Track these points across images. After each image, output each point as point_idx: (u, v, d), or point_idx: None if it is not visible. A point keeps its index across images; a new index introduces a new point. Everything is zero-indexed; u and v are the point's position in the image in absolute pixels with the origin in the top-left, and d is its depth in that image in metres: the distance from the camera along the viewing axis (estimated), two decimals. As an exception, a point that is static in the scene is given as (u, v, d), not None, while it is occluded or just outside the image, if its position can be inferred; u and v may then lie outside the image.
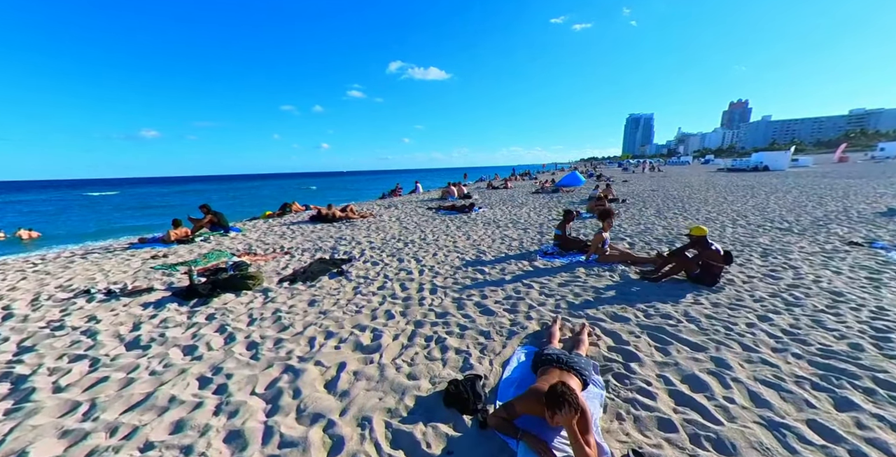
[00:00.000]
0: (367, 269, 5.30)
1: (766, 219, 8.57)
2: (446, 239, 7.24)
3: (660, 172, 38.47)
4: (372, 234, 8.01)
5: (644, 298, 3.93)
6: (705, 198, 13.23)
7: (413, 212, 11.66)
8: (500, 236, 7.38)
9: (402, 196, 18.30)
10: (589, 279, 4.62)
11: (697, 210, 10.29)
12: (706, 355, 2.77)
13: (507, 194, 17.00)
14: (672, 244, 6.31)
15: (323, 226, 9.12)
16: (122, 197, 45.18)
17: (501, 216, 10.16)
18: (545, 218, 9.74)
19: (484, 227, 8.53)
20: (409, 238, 7.41)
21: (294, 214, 11.53)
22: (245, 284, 4.37)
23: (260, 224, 9.83)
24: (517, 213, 10.77)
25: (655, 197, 14.10)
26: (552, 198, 14.86)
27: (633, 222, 8.57)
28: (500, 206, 12.64)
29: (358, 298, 4.13)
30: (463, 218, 10.04)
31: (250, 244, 7.09)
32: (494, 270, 5.08)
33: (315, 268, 5.24)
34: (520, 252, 6.11)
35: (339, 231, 8.42)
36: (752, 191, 14.91)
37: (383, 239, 7.39)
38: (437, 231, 8.12)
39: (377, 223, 9.44)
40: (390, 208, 12.74)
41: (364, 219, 10.07)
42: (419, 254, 6.08)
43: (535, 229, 8.05)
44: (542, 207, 11.91)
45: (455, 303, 3.95)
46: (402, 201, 15.33)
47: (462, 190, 15.54)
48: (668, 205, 11.64)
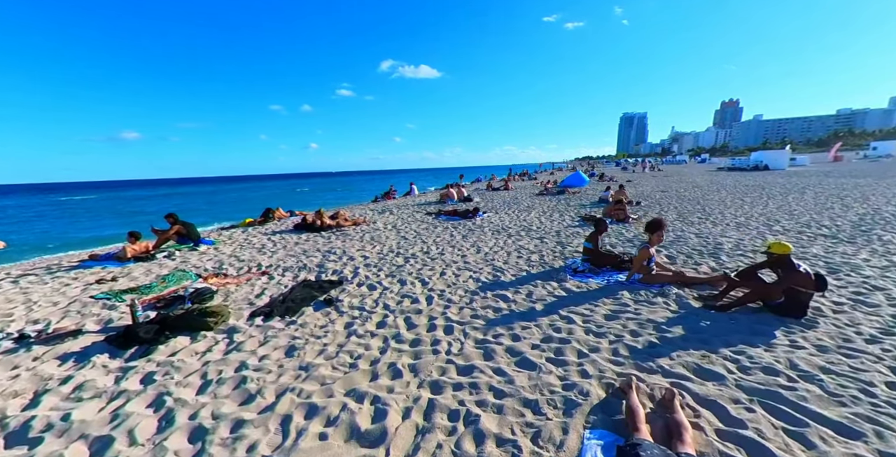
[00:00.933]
0: (363, 295, 4.36)
1: (801, 224, 7.89)
2: (453, 252, 6.33)
3: (660, 171, 38.22)
4: (366, 246, 7.06)
5: (724, 339, 3.08)
6: (721, 199, 12.63)
7: (411, 218, 10.73)
8: (514, 248, 6.50)
9: (397, 199, 17.34)
10: (640, 308, 3.76)
11: (721, 214, 9.59)
12: (869, 447, 1.91)
13: (510, 196, 16.17)
14: (716, 256, 5.50)
15: (309, 236, 8.13)
16: (100, 201, 43.29)
17: (510, 222, 9.29)
18: (559, 224, 8.90)
19: (494, 236, 7.64)
20: (409, 251, 6.48)
21: (277, 222, 10.51)
22: (204, 323, 3.40)
23: (238, 234, 8.79)
24: (527, 218, 9.92)
25: (668, 199, 13.45)
26: (559, 200, 14.06)
27: (659, 229, 7.78)
28: (505, 210, 11.78)
29: (352, 343, 3.19)
30: (467, 225, 9.15)
31: (221, 261, 6.08)
32: (519, 296, 4.19)
33: (297, 295, 4.29)
34: (543, 269, 5.23)
35: (329, 243, 7.45)
36: (764, 191, 14.44)
37: (380, 253, 6.45)
38: (441, 242, 7.21)
39: (371, 232, 8.49)
40: (385, 214, 11.78)
41: (357, 226, 9.12)
42: (424, 273, 5.16)
43: (552, 239, 7.19)
44: (551, 211, 11.09)
45: (480, 348, 3.05)
46: (398, 205, 14.38)
47: (462, 192, 14.65)
48: (686, 207, 10.94)
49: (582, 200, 13.80)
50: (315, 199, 31.58)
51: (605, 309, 3.79)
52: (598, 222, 5.28)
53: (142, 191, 76.48)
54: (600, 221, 5.26)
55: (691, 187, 17.88)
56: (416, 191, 19.43)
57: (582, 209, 11.49)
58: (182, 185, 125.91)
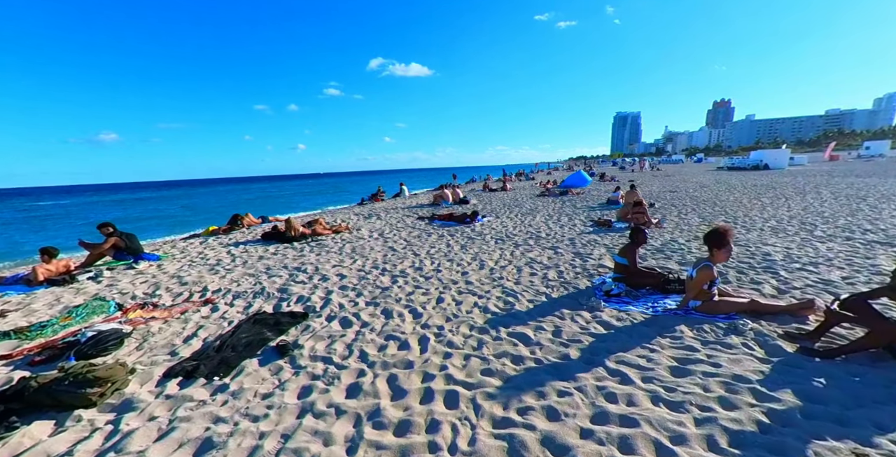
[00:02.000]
0: (332, 336, 3.28)
1: (840, 227, 7.12)
2: (451, 268, 5.28)
3: (659, 170, 37.87)
4: (345, 260, 5.96)
5: (867, 414, 2.09)
6: (737, 200, 11.91)
7: (400, 223, 9.66)
8: (524, 262, 5.48)
9: (386, 201, 16.22)
10: (715, 355, 2.76)
11: (747, 216, 8.76)
12: None
13: (509, 198, 15.20)
14: (772, 272, 4.55)
15: (278, 248, 7.00)
16: (72, 207, 41.17)
17: (515, 228, 8.28)
18: (570, 229, 7.93)
19: (498, 246, 6.61)
20: (398, 267, 5.41)
21: (246, 230, 9.34)
22: (81, 397, 2.29)
23: (194, 246, 7.61)
24: (532, 223, 8.93)
25: (681, 199, 12.67)
26: (563, 202, 13.13)
27: (688, 236, 6.84)
28: (506, 213, 10.78)
29: (304, 432, 2.10)
30: (466, 232, 8.11)
31: (159, 284, 4.92)
32: (544, 336, 3.16)
33: (243, 337, 3.19)
34: (566, 291, 4.22)
35: (300, 256, 6.33)
36: (776, 191, 13.90)
37: (361, 269, 5.36)
38: (437, 254, 6.15)
39: (354, 242, 7.39)
40: (371, 219, 10.67)
41: (337, 235, 8.01)
42: (416, 299, 4.10)
43: (567, 249, 6.19)
44: (558, 214, 10.13)
45: (501, 440, 2.00)
46: (386, 209, 13.28)
47: (458, 193, 13.62)
48: (705, 209, 10.10)
49: (588, 202, 12.90)
50: (299, 201, 30.23)
51: (667, 356, 2.77)
52: (634, 233, 4.28)
53: (120, 195, 73.68)
54: (638, 232, 4.27)
55: (699, 187, 17.23)
56: (407, 192, 18.35)
57: (591, 212, 10.56)
58: (162, 188, 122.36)
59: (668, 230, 7.54)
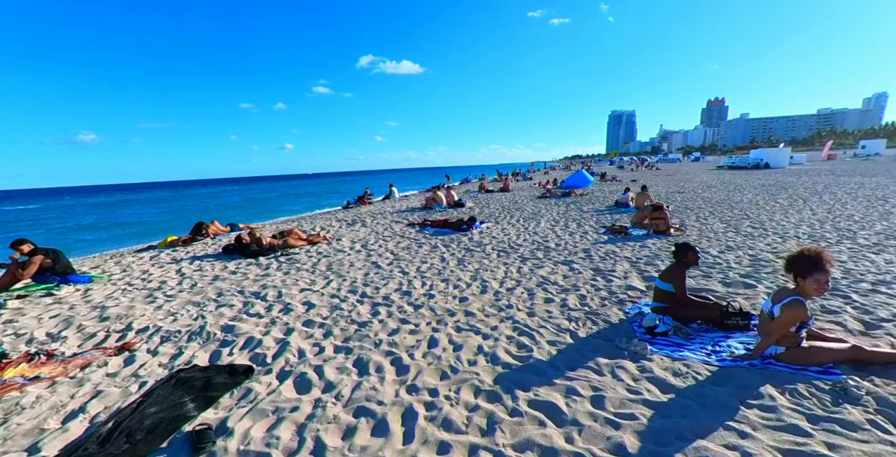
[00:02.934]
0: (278, 412, 2.34)
1: (884, 234, 6.47)
2: (447, 291, 4.38)
3: (658, 169, 37.52)
4: (318, 281, 5.01)
5: None
6: (752, 201, 11.32)
7: (388, 231, 8.73)
8: (535, 282, 4.60)
9: (374, 204, 15.25)
10: (841, 446, 1.89)
11: (772, 221, 8.07)
12: None
13: (508, 200, 14.36)
14: (844, 296, 3.73)
15: (240, 265, 6.02)
16: (41, 212, 39.27)
17: (519, 237, 7.41)
18: (582, 238, 7.08)
19: (502, 259, 5.73)
20: (380, 292, 4.49)
21: (210, 240, 8.33)
22: None
23: (142, 261, 6.59)
24: (537, 230, 8.07)
25: (692, 201, 12.02)
26: (567, 204, 12.31)
27: (718, 246, 6.03)
28: (506, 218, 9.91)
29: None
30: (462, 241, 7.21)
31: (72, 319, 3.92)
32: (580, 406, 2.27)
33: (150, 414, 2.25)
34: (595, 326, 3.35)
35: (264, 276, 5.37)
36: (788, 192, 13.40)
37: (335, 295, 4.43)
38: (429, 271, 5.24)
39: (332, 255, 6.44)
40: (355, 226, 9.71)
41: (313, 246, 7.05)
42: (400, 342, 3.18)
43: (584, 263, 5.33)
44: (564, 219, 9.28)
45: None
46: (373, 213, 12.33)
47: (452, 196, 12.72)
48: (724, 213, 9.39)
49: (595, 204, 12.11)
50: (283, 204, 29.04)
51: (767, 447, 1.90)
52: (682, 251, 3.41)
53: (98, 197, 71.21)
54: (687, 249, 3.40)
55: (706, 187, 16.69)
56: (397, 194, 17.39)
57: (599, 216, 9.75)
58: (144, 190, 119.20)
59: (693, 238, 6.74)
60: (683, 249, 3.42)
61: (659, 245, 6.35)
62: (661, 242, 6.55)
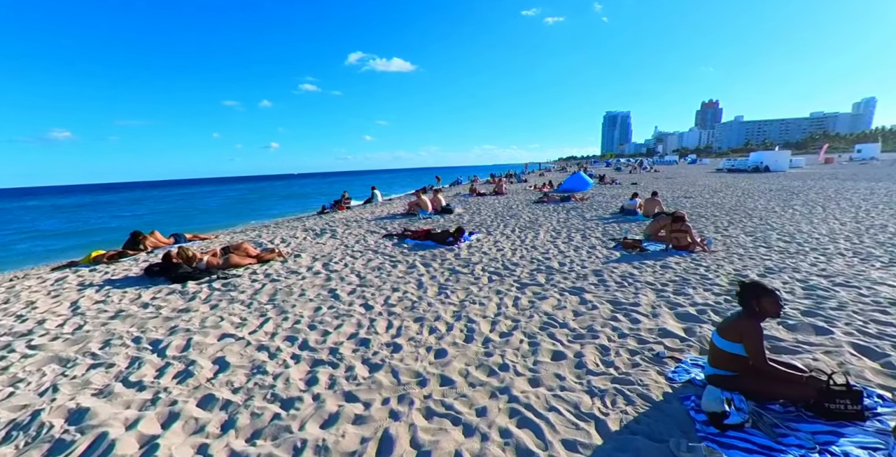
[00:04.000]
0: None
1: None
2: (419, 338, 3.30)
3: (656, 171, 37.13)
4: (250, 319, 3.87)
5: None
6: (767, 208, 10.74)
7: (360, 243, 7.60)
8: (539, 323, 3.55)
9: (352, 209, 14.07)
10: None
11: (801, 232, 7.29)
12: None
13: (502, 205, 13.34)
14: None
15: (161, 291, 4.84)
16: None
17: (514, 252, 6.36)
18: (589, 254, 6.07)
19: (494, 286, 4.66)
20: (329, 339, 3.37)
21: (146, 254, 7.10)
22: None
23: (42, 285, 5.36)
24: (536, 243, 7.03)
25: (704, 208, 11.25)
26: (567, 211, 11.33)
27: (755, 267, 5.05)
28: (500, 228, 8.87)
29: None
30: (447, 258, 6.13)
31: None
32: None
33: None
34: (631, 410, 2.30)
35: (183, 309, 4.20)
36: (800, 197, 12.81)
37: (263, 346, 3.30)
38: (399, 305, 4.14)
39: (283, 278, 5.29)
40: (323, 236, 8.54)
41: (263, 265, 5.90)
42: (334, 443, 2.08)
43: (597, 292, 4.30)
44: (566, 229, 8.27)
45: None
46: (349, 220, 11.18)
47: (439, 200, 11.64)
48: (742, 221, 8.59)
49: (598, 211, 11.15)
50: (259, 208, 27.59)
51: None
52: (753, 294, 2.36)
53: (64, 199, 68.16)
54: (761, 292, 2.35)
55: (712, 192, 16.01)
56: (380, 197, 16.24)
57: (605, 224, 8.77)
58: (117, 190, 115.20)
59: (721, 256, 5.78)
60: (756, 291, 2.38)
61: (684, 266, 5.36)
62: (686, 261, 5.57)
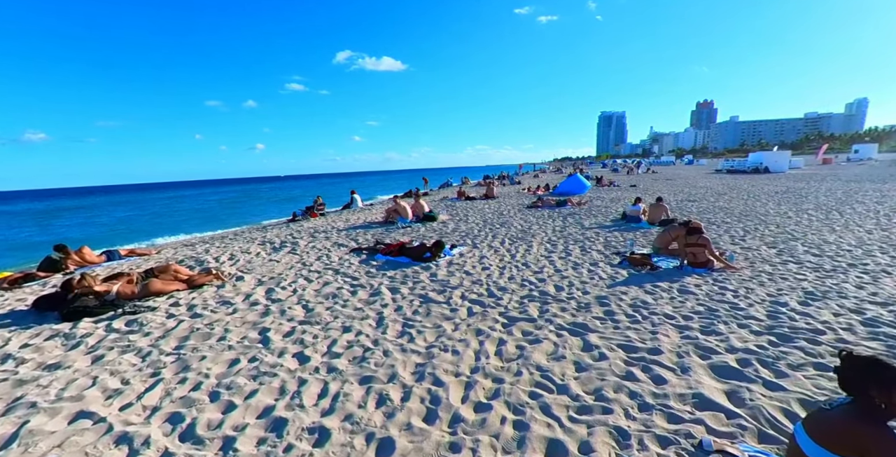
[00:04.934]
0: None
1: None
2: (358, 419, 2.36)
3: (654, 173, 36.77)
4: (134, 383, 2.90)
5: None
6: (781, 213, 10.28)
7: (321, 260, 6.64)
8: (528, 384, 2.66)
9: (327, 216, 13.07)
10: None
11: (827, 243, 6.71)
12: None
13: (492, 210, 12.47)
14: None
15: (42, 331, 3.83)
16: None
17: (502, 272, 5.46)
18: (590, 273, 5.20)
19: (476, 322, 3.74)
20: (232, 417, 2.43)
21: (61, 277, 6.04)
22: None
23: None
24: (529, 258, 6.15)
25: (712, 213, 10.61)
26: (564, 217, 10.50)
27: (792, 291, 4.22)
28: (487, 238, 7.98)
29: None
30: (421, 280, 5.21)
31: None
32: None
33: None
34: None
35: (53, 364, 3.21)
36: (811, 201, 12.27)
37: (130, 430, 2.33)
38: (346, 355, 3.20)
39: (207, 313, 4.31)
40: (281, 250, 7.53)
41: (196, 289, 4.91)
42: None
43: (605, 332, 3.42)
44: (564, 240, 7.40)
45: None
46: (318, 229, 10.19)
47: (421, 206, 10.72)
48: (758, 230, 7.88)
49: (597, 217, 10.34)
50: (234, 213, 26.32)
51: None
52: (877, 384, 1.50)
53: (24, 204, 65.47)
54: (885, 373, 1.49)
55: (716, 195, 15.43)
56: (360, 202, 15.25)
57: (606, 234, 7.93)
58: (90, 194, 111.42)
59: (748, 274, 4.96)
60: (880, 379, 1.50)
61: (706, 289, 4.52)
62: (707, 283, 4.73)
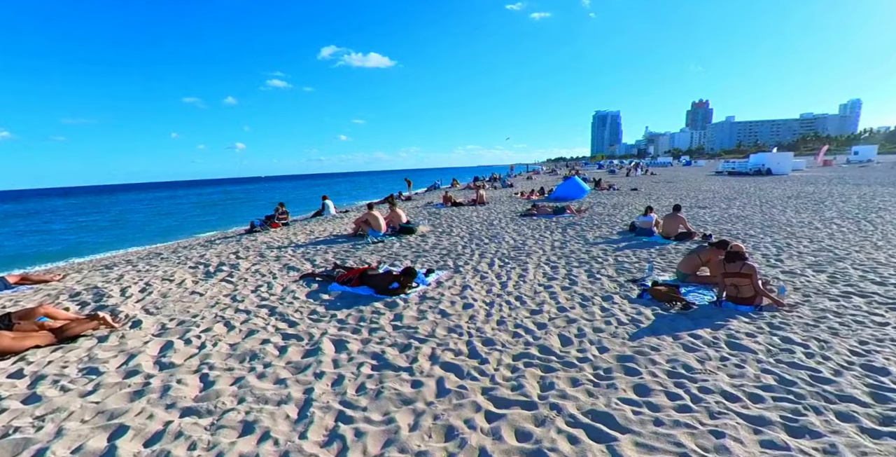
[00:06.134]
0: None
1: None
2: None
3: (653, 174, 36.35)
4: None
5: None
6: (807, 223, 9.26)
7: (259, 293, 5.40)
8: None
9: (291, 226, 11.77)
10: None
11: (881, 264, 5.62)
12: None
13: (481, 219, 11.35)
14: None
15: None
16: None
17: (487, 311, 4.31)
18: (604, 316, 4.10)
19: (442, 418, 2.57)
20: None
21: None
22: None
23: None
24: (522, 289, 5.02)
25: (729, 222, 9.84)
26: (564, 228, 9.44)
27: (878, 344, 3.19)
28: (472, 257, 6.84)
29: None
30: (380, 326, 4.03)
31: None
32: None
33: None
34: None
35: None
36: (829, 207, 11.59)
37: None
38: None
39: (58, 387, 3.09)
40: (213, 277, 6.22)
41: (70, 342, 3.66)
42: None
43: (645, 439, 2.29)
44: (566, 261, 6.29)
45: None
46: (273, 245, 8.93)
47: (398, 216, 9.54)
48: (791, 246, 6.88)
49: (602, 228, 9.29)
50: (189, 220, 24.66)
51: None
52: None
53: None
54: None
55: (727, 200, 14.71)
56: (333, 209, 13.97)
57: (615, 250, 6.86)
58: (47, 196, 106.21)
59: (810, 316, 3.91)
60: None
61: (765, 342, 3.45)
62: (762, 331, 3.67)
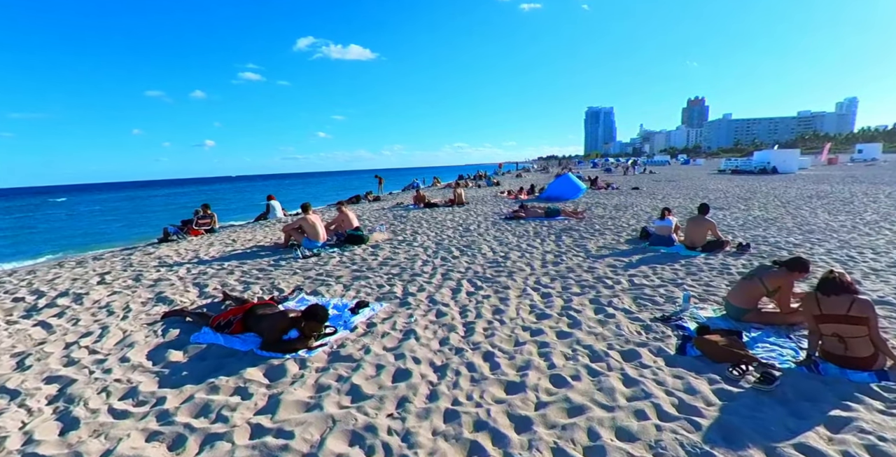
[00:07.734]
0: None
1: None
2: None
3: (652, 173, 35.65)
4: None
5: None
6: (847, 226, 8.17)
7: (70, 354, 3.69)
8: None
9: (216, 232, 9.94)
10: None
11: None
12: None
13: (456, 224, 9.78)
14: None
15: None
16: None
17: (434, 380, 2.71)
18: (632, 392, 2.50)
19: None
20: None
21: None
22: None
23: None
24: (500, 334, 3.43)
25: (759, 227, 8.45)
26: (558, 235, 7.92)
27: None
28: (432, 278, 5.22)
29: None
30: (235, 425, 2.40)
31: None
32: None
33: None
34: None
35: None
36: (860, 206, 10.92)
37: None
38: None
39: None
40: (31, 316, 4.46)
41: None
42: None
43: None
44: (563, 283, 4.72)
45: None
46: (174, 260, 7.14)
47: (349, 220, 7.87)
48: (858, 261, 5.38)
49: (606, 235, 7.78)
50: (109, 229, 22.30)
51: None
52: None
53: None
54: None
55: (739, 199, 13.74)
56: (279, 211, 12.18)
57: (627, 265, 5.33)
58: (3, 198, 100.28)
59: None
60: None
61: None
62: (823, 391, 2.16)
